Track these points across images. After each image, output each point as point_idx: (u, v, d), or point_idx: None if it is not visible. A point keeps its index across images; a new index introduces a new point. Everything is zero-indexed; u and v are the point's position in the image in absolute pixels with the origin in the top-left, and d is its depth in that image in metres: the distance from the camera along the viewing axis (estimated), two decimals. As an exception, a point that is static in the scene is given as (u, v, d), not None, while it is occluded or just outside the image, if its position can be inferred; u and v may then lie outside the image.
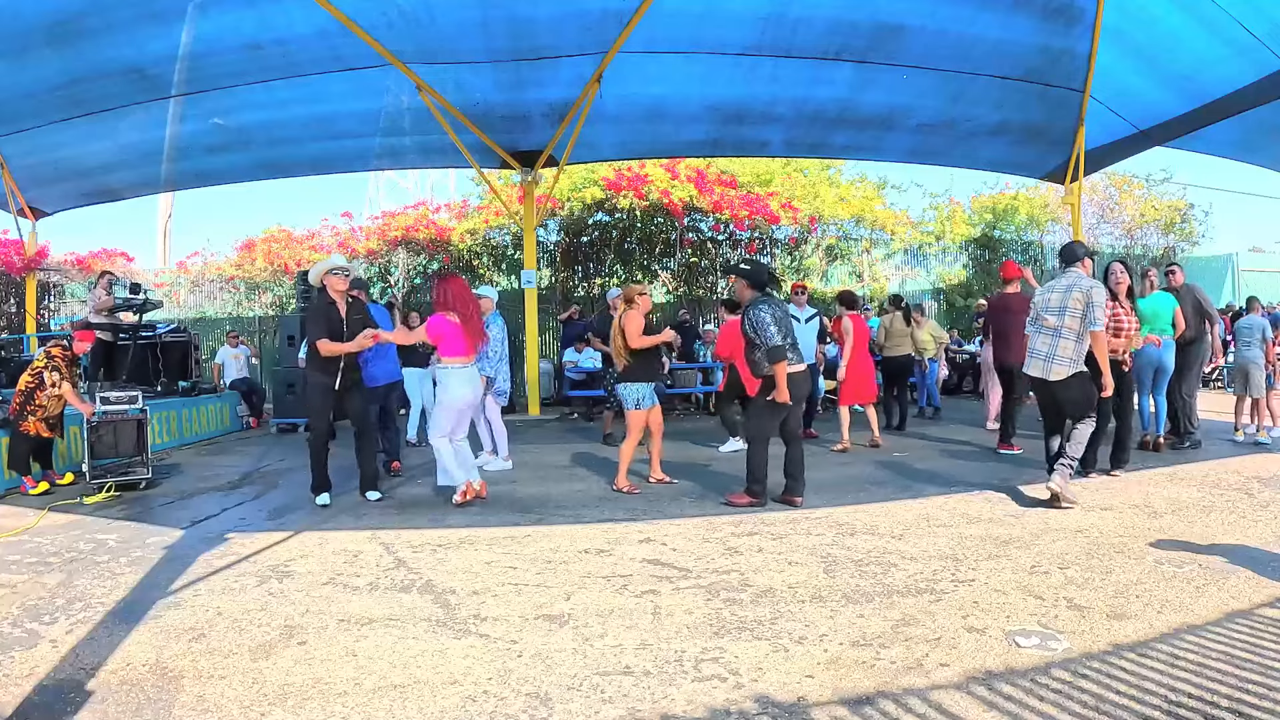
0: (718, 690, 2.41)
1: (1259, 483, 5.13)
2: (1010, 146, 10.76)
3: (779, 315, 4.84)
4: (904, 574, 3.47)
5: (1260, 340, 6.82)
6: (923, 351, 9.76)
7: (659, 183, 12.74)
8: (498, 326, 6.42)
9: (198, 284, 15.11)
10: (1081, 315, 4.62)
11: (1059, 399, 4.78)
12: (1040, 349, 4.80)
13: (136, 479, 5.97)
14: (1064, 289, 4.75)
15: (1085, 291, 4.63)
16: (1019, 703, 2.26)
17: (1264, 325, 6.89)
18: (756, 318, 4.81)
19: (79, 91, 8.15)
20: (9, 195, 10.61)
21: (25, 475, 5.90)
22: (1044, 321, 4.80)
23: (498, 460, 6.53)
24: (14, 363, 9.62)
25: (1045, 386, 4.81)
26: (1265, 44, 7.36)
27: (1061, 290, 4.75)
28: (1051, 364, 4.71)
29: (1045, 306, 4.83)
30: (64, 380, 5.89)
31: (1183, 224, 15.93)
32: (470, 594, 3.35)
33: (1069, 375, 4.67)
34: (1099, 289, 4.68)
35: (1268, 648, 2.56)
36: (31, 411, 5.86)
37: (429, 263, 14.14)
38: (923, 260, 15.72)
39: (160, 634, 2.96)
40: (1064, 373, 4.66)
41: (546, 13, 7.53)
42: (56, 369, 5.89)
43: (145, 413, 6.25)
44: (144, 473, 6.05)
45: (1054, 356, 4.69)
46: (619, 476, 5.50)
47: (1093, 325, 4.60)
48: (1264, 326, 6.88)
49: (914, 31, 7.97)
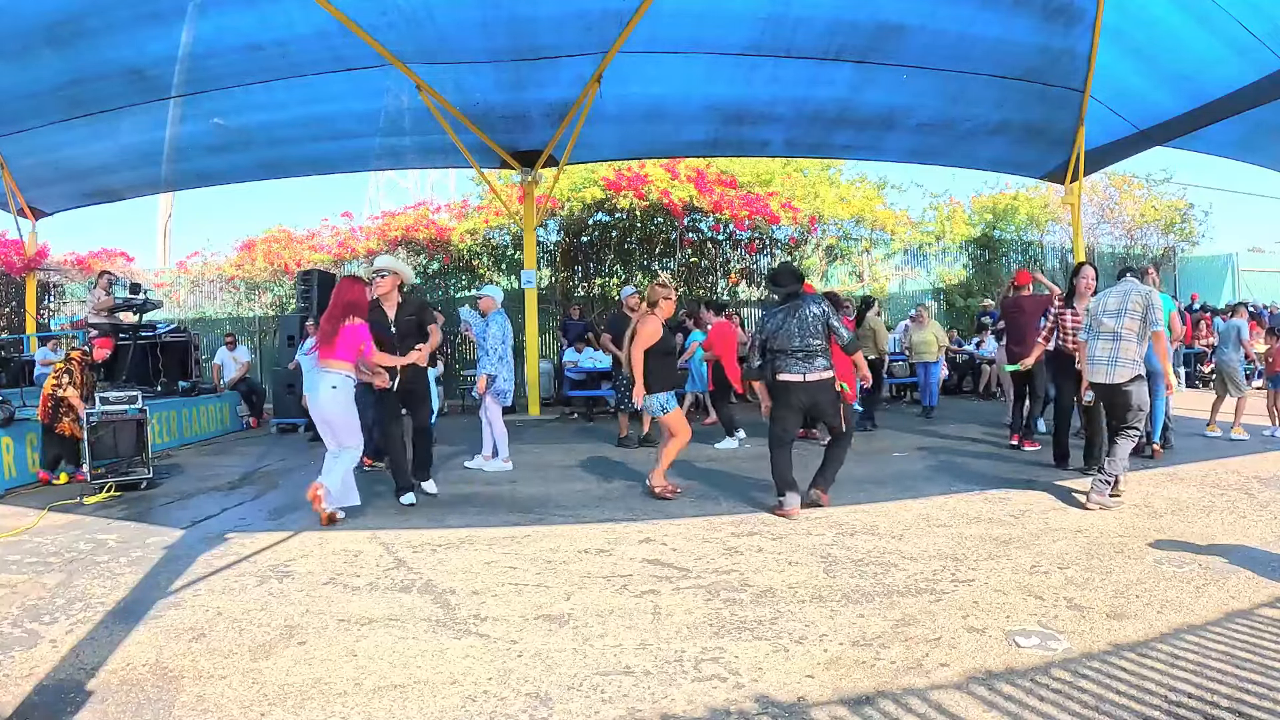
0: (718, 690, 2.41)
1: (1259, 483, 5.13)
2: (1010, 146, 10.77)
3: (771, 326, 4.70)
4: (904, 574, 3.47)
5: (1235, 341, 7.28)
6: (921, 354, 9.77)
7: (659, 183, 12.75)
8: (498, 326, 6.38)
9: (198, 284, 15.11)
10: (1142, 316, 4.71)
11: (1118, 402, 4.79)
12: (1101, 355, 4.83)
13: (137, 479, 5.98)
14: (1121, 293, 4.86)
15: (1144, 294, 4.76)
16: (1019, 703, 2.26)
17: (1239, 327, 7.30)
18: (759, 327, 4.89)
19: (79, 92, 8.15)
20: (9, 195, 10.61)
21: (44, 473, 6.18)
22: (1101, 325, 4.86)
23: (496, 461, 6.52)
24: (14, 363, 9.64)
25: (1109, 391, 4.85)
26: (1265, 44, 7.36)
27: (1119, 294, 4.86)
28: (1115, 367, 4.74)
29: (1103, 311, 4.89)
30: (71, 384, 6.05)
31: (1183, 224, 15.94)
32: (470, 594, 3.35)
33: (1132, 378, 4.70)
34: (1155, 295, 4.79)
35: (1268, 648, 2.56)
36: (65, 414, 6.09)
37: (429, 263, 14.15)
38: (923, 260, 15.72)
39: (160, 634, 2.96)
40: (1127, 375, 4.70)
41: (546, 13, 7.53)
42: (69, 371, 6.10)
43: (145, 412, 6.25)
44: (144, 473, 6.05)
45: (1116, 360, 4.73)
46: (655, 474, 5.21)
47: (1154, 325, 4.68)
48: (1239, 328, 7.28)
49: (914, 31, 7.97)
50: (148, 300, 9.11)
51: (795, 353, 4.62)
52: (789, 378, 4.63)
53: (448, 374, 12.42)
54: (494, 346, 6.31)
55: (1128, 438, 4.68)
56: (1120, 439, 4.68)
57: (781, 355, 4.65)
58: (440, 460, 6.82)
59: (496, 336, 6.31)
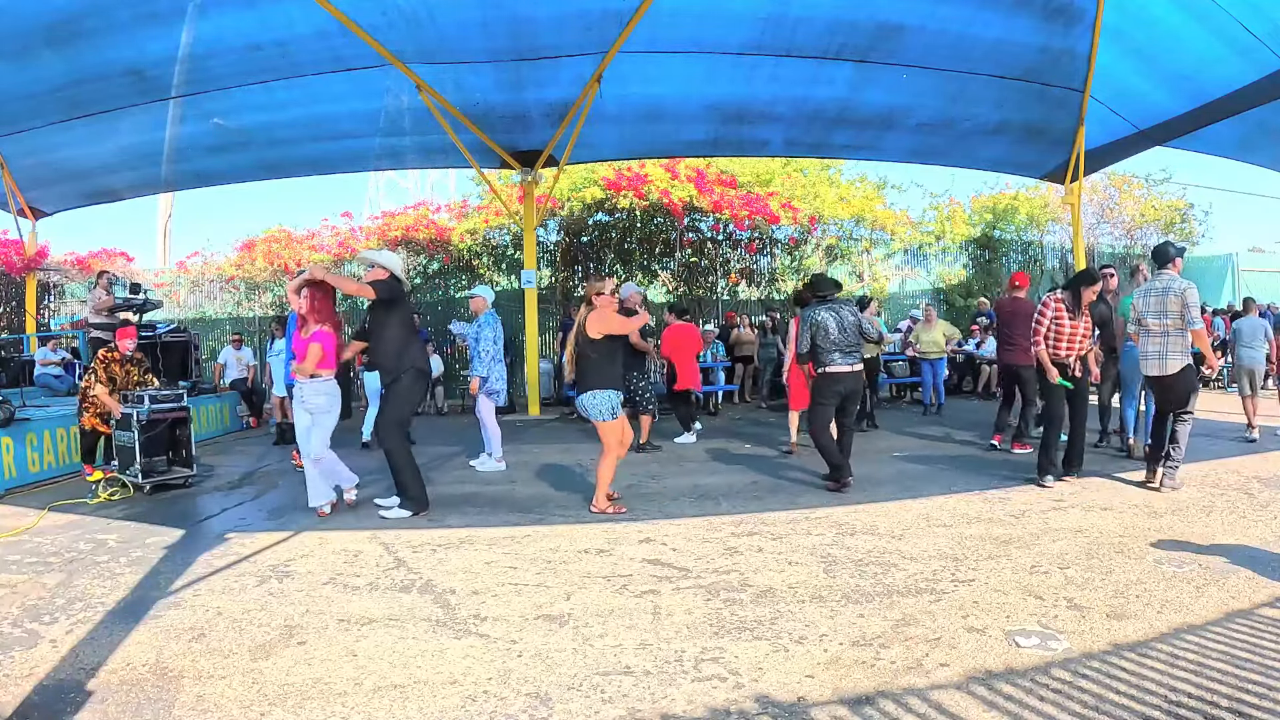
0: (718, 690, 2.41)
1: (1259, 483, 5.13)
2: (1010, 146, 10.77)
3: (821, 320, 5.37)
4: (904, 574, 3.47)
5: (1264, 340, 6.94)
6: (927, 353, 9.77)
7: (659, 183, 12.75)
8: (489, 327, 6.35)
9: (198, 284, 15.10)
10: (1180, 315, 4.95)
11: (1171, 391, 5.07)
12: (1151, 350, 5.11)
13: (182, 475, 6.07)
14: (1160, 292, 5.07)
15: (1179, 294, 4.95)
16: (1019, 703, 2.26)
17: (1265, 326, 6.98)
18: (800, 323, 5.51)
19: (79, 92, 8.15)
20: (9, 195, 10.60)
21: (86, 464, 6.27)
22: (1147, 326, 5.15)
23: (490, 461, 6.51)
24: (14, 363, 9.64)
25: (1161, 382, 5.11)
26: (1265, 44, 7.36)
27: (1159, 294, 5.08)
28: (1166, 360, 5.01)
29: (1146, 310, 5.16)
30: (98, 381, 6.11)
31: (1182, 224, 15.93)
32: (470, 594, 3.35)
33: (1182, 368, 5.00)
34: (1192, 289, 4.97)
35: (1268, 648, 2.56)
36: (86, 408, 6.19)
37: (429, 263, 14.15)
38: (923, 260, 15.73)
39: (160, 634, 2.96)
40: (1178, 365, 4.99)
41: (546, 13, 7.53)
42: (94, 370, 6.18)
43: (188, 410, 6.31)
44: (188, 470, 6.13)
45: (1167, 354, 5.00)
46: (598, 498, 4.87)
47: (1192, 324, 4.91)
48: (1265, 327, 6.96)
49: (914, 31, 7.97)
50: (147, 300, 9.11)
51: (848, 347, 5.37)
52: (837, 369, 5.35)
53: (448, 374, 12.43)
54: (486, 348, 6.28)
55: (1185, 423, 5.04)
56: (1180, 425, 5.02)
57: (826, 351, 5.36)
58: (440, 460, 6.83)
59: (488, 337, 6.29)
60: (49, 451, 6.49)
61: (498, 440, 6.55)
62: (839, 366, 5.36)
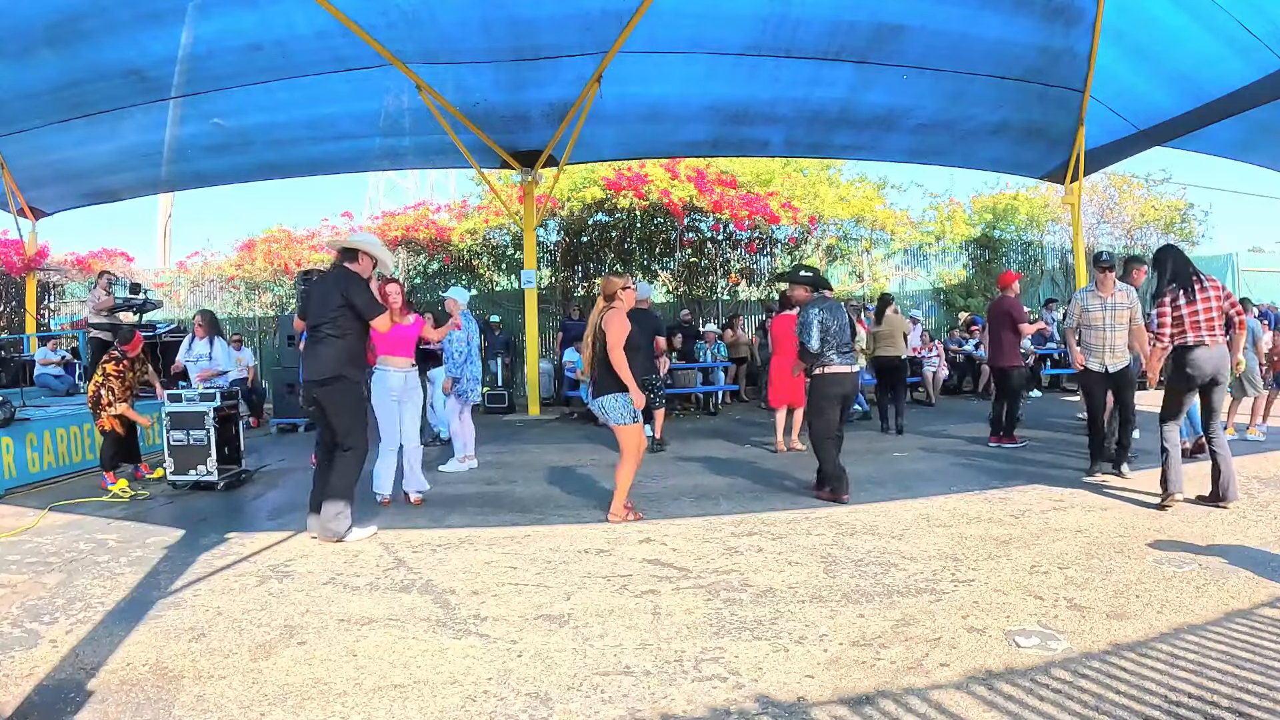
0: (718, 690, 2.41)
1: (1259, 483, 5.13)
2: (1010, 146, 10.77)
3: (824, 319, 5.14)
4: (904, 574, 3.47)
5: (1252, 342, 7.07)
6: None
7: (659, 183, 12.75)
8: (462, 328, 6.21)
9: (198, 284, 15.11)
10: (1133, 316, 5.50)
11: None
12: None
13: (239, 472, 6.13)
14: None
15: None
16: (1019, 703, 2.26)
17: (1253, 327, 7.11)
18: (804, 319, 5.19)
19: (79, 93, 8.15)
20: (9, 195, 10.60)
21: (107, 471, 6.00)
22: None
23: (453, 461, 6.49)
24: (14, 363, 9.64)
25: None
26: (1265, 44, 7.36)
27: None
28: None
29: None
30: (118, 400, 6.03)
31: (1182, 224, 15.92)
32: (470, 594, 3.35)
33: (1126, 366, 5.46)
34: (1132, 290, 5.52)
35: (1268, 648, 2.56)
36: (103, 410, 6.07)
37: (429, 263, 14.15)
38: (923, 260, 15.73)
39: (160, 634, 2.96)
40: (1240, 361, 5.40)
41: (547, 13, 7.52)
42: (110, 389, 6.03)
43: (237, 407, 6.34)
44: (241, 468, 6.19)
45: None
46: (615, 504, 4.68)
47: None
48: (1253, 328, 7.09)
49: (914, 31, 7.97)
50: (147, 300, 9.12)
51: (844, 348, 5.20)
52: (839, 369, 5.15)
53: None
54: (459, 349, 6.22)
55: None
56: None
57: (832, 351, 5.15)
58: (438, 460, 6.81)
59: (460, 339, 6.20)
60: (49, 451, 6.48)
61: (470, 440, 6.52)
62: (840, 367, 5.11)
